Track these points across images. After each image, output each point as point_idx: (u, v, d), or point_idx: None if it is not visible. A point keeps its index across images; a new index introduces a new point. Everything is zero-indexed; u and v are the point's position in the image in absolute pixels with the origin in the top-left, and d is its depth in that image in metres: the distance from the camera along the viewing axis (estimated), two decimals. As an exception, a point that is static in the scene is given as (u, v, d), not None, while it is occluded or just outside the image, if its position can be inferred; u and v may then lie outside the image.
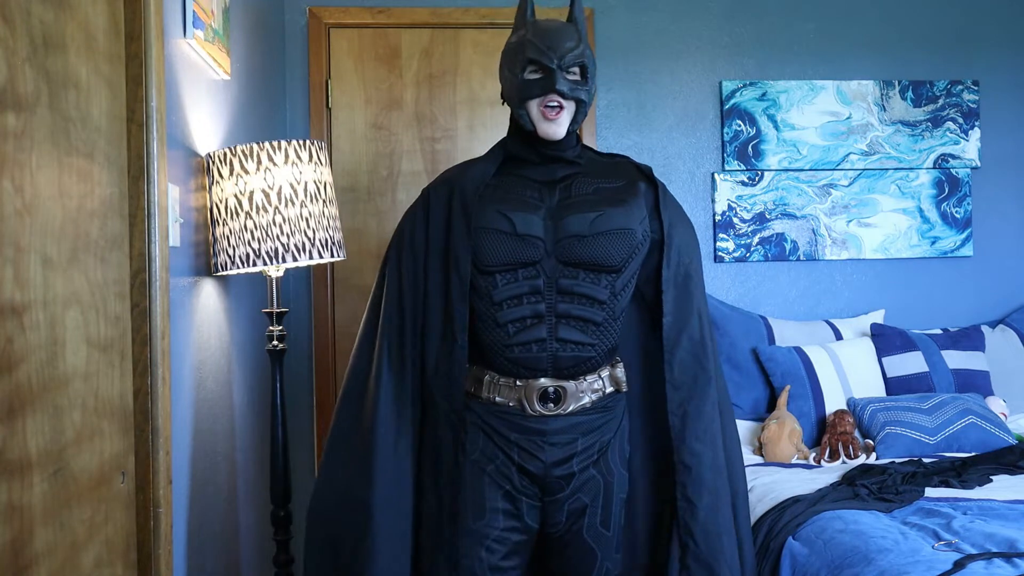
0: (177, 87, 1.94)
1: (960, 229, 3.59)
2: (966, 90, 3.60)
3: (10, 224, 1.22)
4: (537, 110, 1.71)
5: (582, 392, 1.74)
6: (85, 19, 1.49)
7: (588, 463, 1.76)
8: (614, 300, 1.74)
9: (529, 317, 1.71)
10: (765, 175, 3.52)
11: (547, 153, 1.77)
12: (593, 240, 1.71)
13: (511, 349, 1.71)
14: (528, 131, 1.74)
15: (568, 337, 1.71)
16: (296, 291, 3.32)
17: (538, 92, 1.70)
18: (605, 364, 1.78)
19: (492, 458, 1.74)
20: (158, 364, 1.68)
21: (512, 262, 1.71)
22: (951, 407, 2.94)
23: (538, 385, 1.72)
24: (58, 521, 1.35)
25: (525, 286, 1.71)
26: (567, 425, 1.74)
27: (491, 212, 1.72)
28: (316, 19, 3.35)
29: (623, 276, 1.75)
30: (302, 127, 3.35)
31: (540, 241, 1.71)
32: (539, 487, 1.75)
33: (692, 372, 1.79)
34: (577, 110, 1.73)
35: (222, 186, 2.07)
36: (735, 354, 3.29)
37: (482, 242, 1.71)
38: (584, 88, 1.72)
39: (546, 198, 1.76)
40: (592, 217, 1.72)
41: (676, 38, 3.52)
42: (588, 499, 1.76)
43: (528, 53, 1.70)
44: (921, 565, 1.85)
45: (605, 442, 1.77)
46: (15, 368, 1.23)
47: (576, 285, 1.71)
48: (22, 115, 1.26)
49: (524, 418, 1.73)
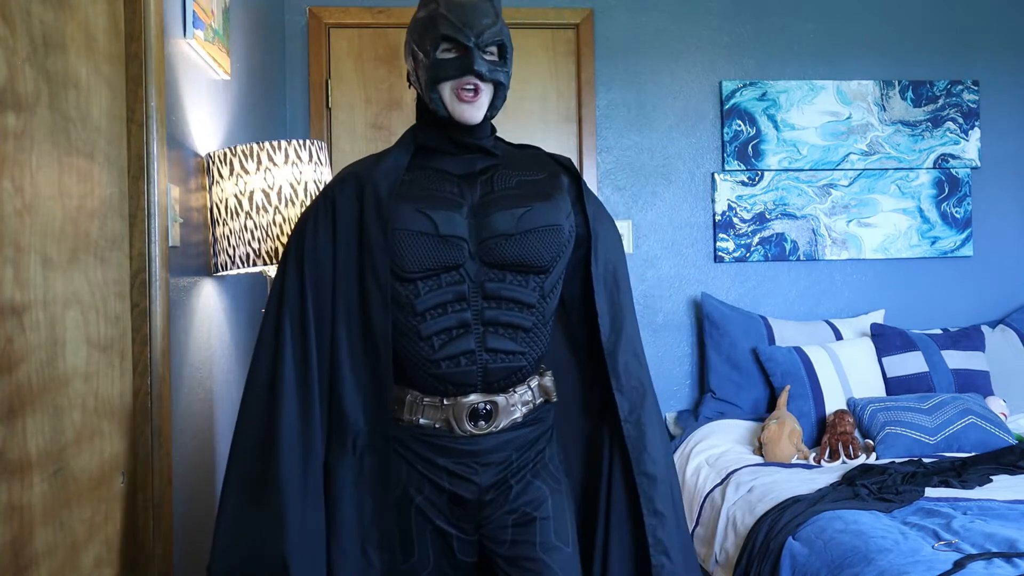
0: (177, 87, 1.94)
1: (960, 229, 3.59)
2: (966, 90, 3.60)
3: (10, 224, 1.22)
4: (451, 93, 1.53)
5: (513, 406, 1.56)
6: (85, 19, 1.49)
7: (525, 474, 1.58)
8: (543, 303, 1.57)
9: (455, 327, 1.52)
10: (765, 175, 3.52)
11: (463, 141, 1.58)
12: (521, 239, 1.53)
13: (436, 364, 1.51)
14: (441, 117, 1.55)
15: (498, 347, 1.53)
16: (296, 291, 3.31)
17: (454, 73, 1.51)
18: (533, 373, 1.61)
19: (419, 488, 1.54)
20: (158, 364, 1.68)
21: (435, 266, 1.51)
22: (951, 407, 2.94)
23: (467, 403, 1.53)
24: (58, 521, 1.35)
25: (449, 293, 1.52)
26: (499, 443, 1.55)
27: (409, 211, 1.52)
28: (316, 19, 3.35)
29: (551, 276, 1.58)
30: (302, 127, 3.35)
31: (464, 242, 1.52)
32: (473, 514, 1.56)
33: (637, 375, 1.64)
34: (496, 93, 1.56)
35: (222, 186, 2.07)
36: (735, 354, 3.29)
37: (401, 245, 1.50)
38: (503, 69, 1.55)
39: (467, 194, 1.57)
40: (519, 213, 1.54)
41: (676, 38, 3.52)
42: (533, 510, 1.56)
43: (442, 29, 1.51)
44: (921, 565, 1.85)
45: (540, 451, 1.61)
46: (15, 368, 1.23)
47: (503, 288, 1.53)
48: (22, 115, 1.26)
49: (453, 440, 1.53)
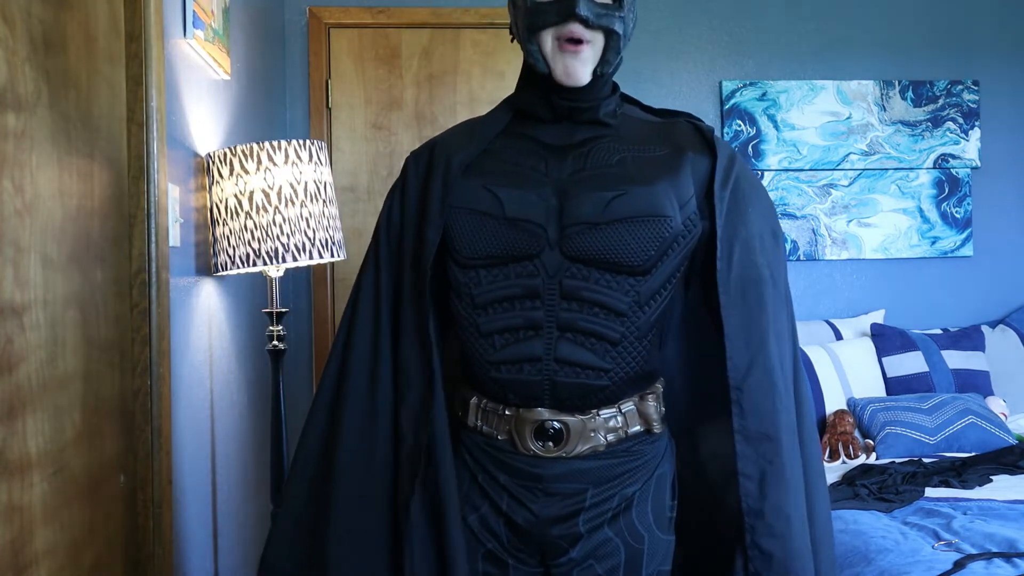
0: (177, 87, 1.94)
1: (960, 229, 3.59)
2: (966, 90, 3.60)
3: (10, 224, 1.22)
4: (552, 43, 1.25)
5: (593, 431, 1.28)
6: (85, 19, 1.49)
7: (602, 521, 1.29)
8: (638, 312, 1.26)
9: (522, 327, 1.27)
10: (765, 175, 3.52)
11: (564, 105, 1.30)
12: (608, 229, 1.24)
13: (496, 367, 1.29)
14: (542, 74, 1.28)
15: (572, 358, 1.26)
16: (296, 291, 3.32)
17: (554, 19, 1.23)
18: (629, 395, 1.31)
19: (476, 506, 1.33)
20: (158, 364, 1.68)
21: (500, 254, 1.27)
22: (951, 407, 2.94)
23: (532, 417, 1.28)
24: (58, 521, 1.35)
25: (518, 286, 1.27)
26: (571, 471, 1.29)
27: (473, 187, 1.29)
28: (316, 19, 3.35)
29: (652, 280, 1.27)
30: (302, 127, 3.35)
31: (539, 228, 1.26)
32: (535, 547, 1.31)
33: (772, 419, 1.26)
34: (607, 46, 1.27)
35: (222, 186, 2.07)
36: (735, 354, 3.29)
37: (457, 226, 1.28)
38: (617, 14, 1.25)
39: (553, 170, 1.30)
40: (608, 197, 1.25)
41: (676, 38, 3.52)
42: (603, 570, 1.28)
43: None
44: (921, 565, 1.85)
45: (629, 495, 1.30)
46: (15, 368, 1.23)
47: (586, 289, 1.26)
48: (22, 115, 1.26)
49: (515, 457, 1.30)
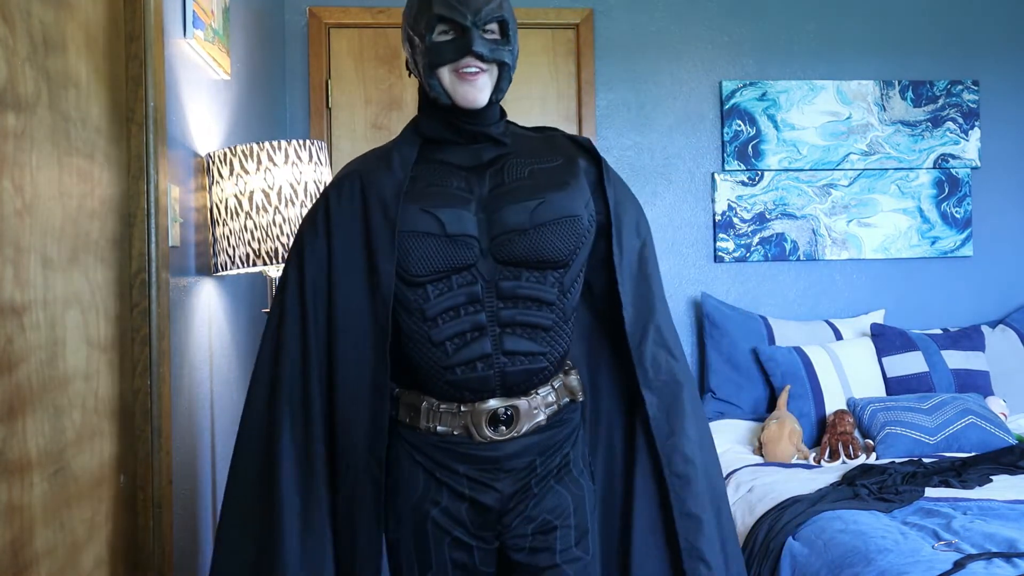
0: (177, 87, 1.94)
1: (960, 229, 3.59)
2: (966, 90, 3.60)
3: (10, 224, 1.22)
4: (451, 76, 1.43)
5: (535, 409, 1.49)
6: (85, 19, 1.49)
7: (549, 480, 1.50)
8: (564, 299, 1.48)
9: (469, 331, 1.44)
10: (765, 175, 3.52)
11: (469, 128, 1.48)
12: (535, 233, 1.44)
13: (452, 371, 1.44)
14: (444, 105, 1.46)
15: (516, 348, 1.45)
16: (296, 291, 3.32)
17: (452, 56, 1.42)
18: (557, 373, 1.53)
19: (436, 500, 1.47)
20: (158, 364, 1.68)
21: (444, 268, 1.43)
22: (951, 407, 2.94)
23: (486, 408, 1.46)
24: (58, 521, 1.35)
25: (461, 295, 1.44)
26: (522, 447, 1.48)
27: (414, 212, 1.43)
28: (316, 19, 3.35)
29: (571, 270, 1.49)
30: (302, 127, 3.35)
31: (474, 240, 1.44)
32: (494, 522, 1.49)
33: (668, 367, 1.54)
34: (500, 75, 1.46)
35: (222, 186, 2.07)
36: (735, 354, 3.29)
37: (409, 249, 1.42)
38: (506, 48, 1.44)
39: (475, 187, 1.48)
40: (532, 206, 1.44)
41: (676, 38, 3.52)
42: (555, 518, 1.49)
43: (436, 9, 1.42)
44: (921, 565, 1.85)
45: (565, 454, 1.53)
46: (15, 368, 1.23)
47: (519, 287, 1.45)
48: (22, 115, 1.26)
49: (472, 446, 1.47)
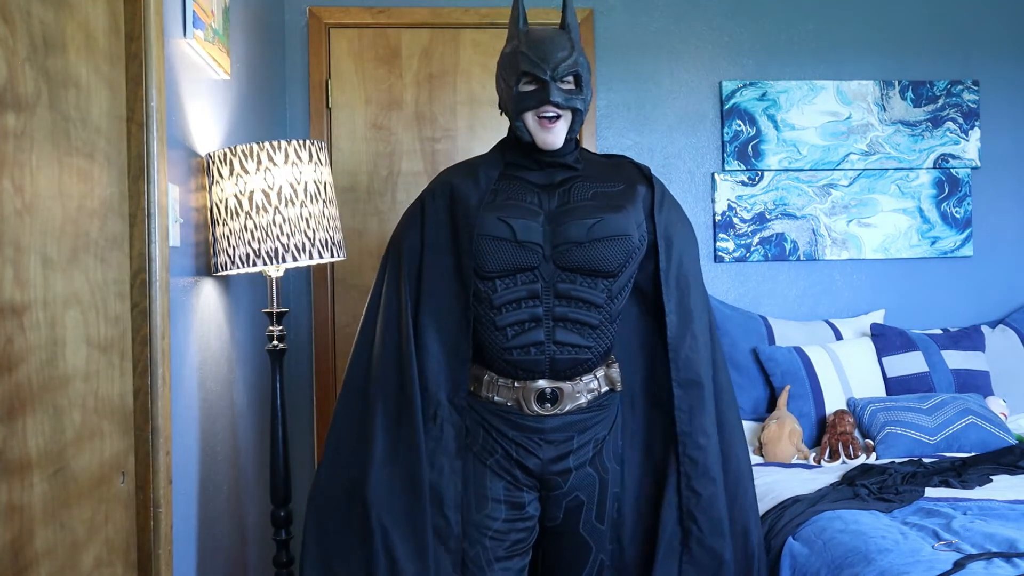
0: (177, 87, 1.94)
1: (960, 229, 3.59)
2: (966, 90, 3.59)
3: (10, 224, 1.22)
4: (534, 121, 1.74)
5: (578, 392, 1.79)
6: (85, 19, 1.49)
7: (584, 460, 1.82)
8: (610, 303, 1.78)
9: (527, 321, 1.76)
10: (765, 175, 3.52)
11: (546, 160, 1.80)
12: (590, 246, 1.74)
13: (509, 352, 1.76)
14: (527, 142, 1.77)
15: (565, 340, 1.75)
16: (296, 291, 3.32)
17: (533, 104, 1.72)
18: (600, 364, 1.83)
19: (492, 452, 1.81)
20: (158, 364, 1.68)
21: (512, 268, 1.75)
22: (951, 407, 2.94)
23: (535, 387, 1.78)
24: (58, 521, 1.35)
25: (523, 291, 1.76)
26: (563, 424, 1.79)
27: (492, 219, 1.76)
28: (316, 19, 3.35)
29: (619, 280, 1.79)
30: (302, 127, 3.35)
31: (539, 247, 1.75)
32: (538, 481, 1.82)
33: (696, 370, 1.84)
34: (574, 119, 1.76)
35: (222, 186, 2.07)
36: (735, 354, 3.29)
37: (483, 249, 1.75)
38: (579, 97, 1.75)
39: (545, 203, 1.80)
40: (590, 224, 1.75)
41: (676, 38, 3.51)
42: (585, 496, 1.82)
43: (521, 66, 1.72)
44: (921, 565, 1.85)
45: (600, 439, 1.84)
46: (15, 368, 1.23)
47: (573, 289, 1.75)
48: (22, 115, 1.26)
49: (522, 417, 1.79)
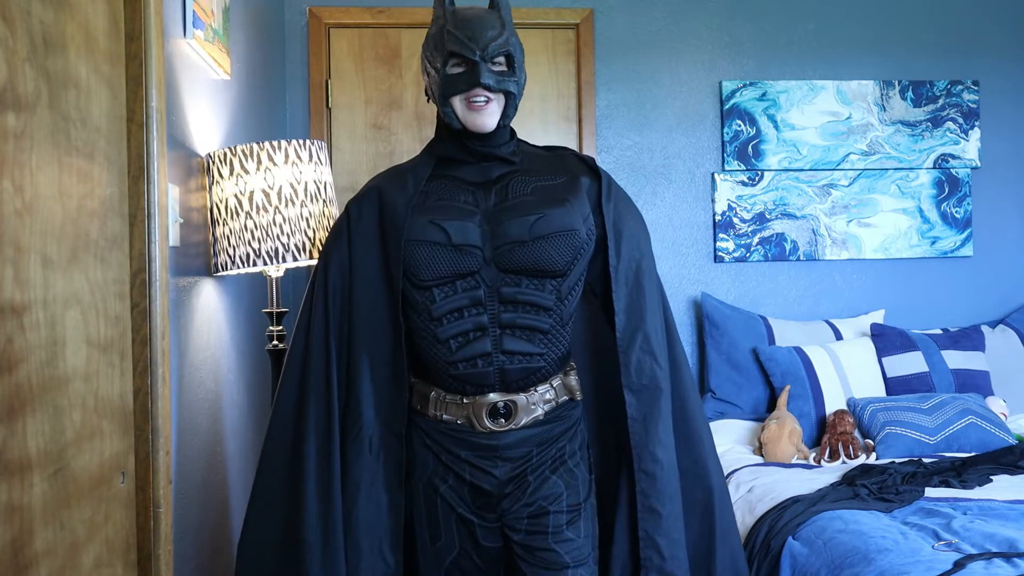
0: (177, 87, 1.94)
1: (960, 229, 3.59)
2: (966, 90, 3.60)
3: (10, 224, 1.22)
4: (462, 105, 1.61)
5: (534, 404, 1.64)
6: (85, 19, 1.49)
7: (545, 471, 1.65)
8: (561, 305, 1.64)
9: (471, 330, 1.61)
10: (765, 175, 3.52)
11: (479, 150, 1.65)
12: (534, 245, 1.60)
13: (455, 366, 1.61)
14: (456, 129, 1.63)
15: (514, 348, 1.61)
16: (296, 291, 3.32)
17: (463, 87, 1.59)
18: (556, 373, 1.68)
19: (444, 479, 1.66)
20: (158, 364, 1.68)
21: (449, 274, 1.60)
22: (951, 407, 2.94)
23: (486, 401, 1.63)
24: (58, 521, 1.35)
25: (465, 298, 1.61)
26: (519, 439, 1.64)
27: (422, 223, 1.61)
28: (316, 19, 3.35)
29: (569, 279, 1.64)
30: (302, 127, 3.35)
31: (477, 250, 1.60)
32: (494, 504, 1.65)
33: (650, 374, 1.68)
34: (507, 102, 1.62)
35: (222, 186, 2.07)
36: (735, 354, 3.29)
37: (416, 256, 1.60)
38: (512, 79, 1.61)
39: (481, 202, 1.65)
40: (532, 220, 1.60)
41: (676, 38, 3.52)
42: (549, 504, 1.64)
43: (448, 46, 1.59)
44: (921, 565, 1.85)
45: (561, 447, 1.67)
46: (15, 368, 1.23)
47: (519, 293, 1.61)
48: (22, 115, 1.26)
49: (474, 435, 1.64)
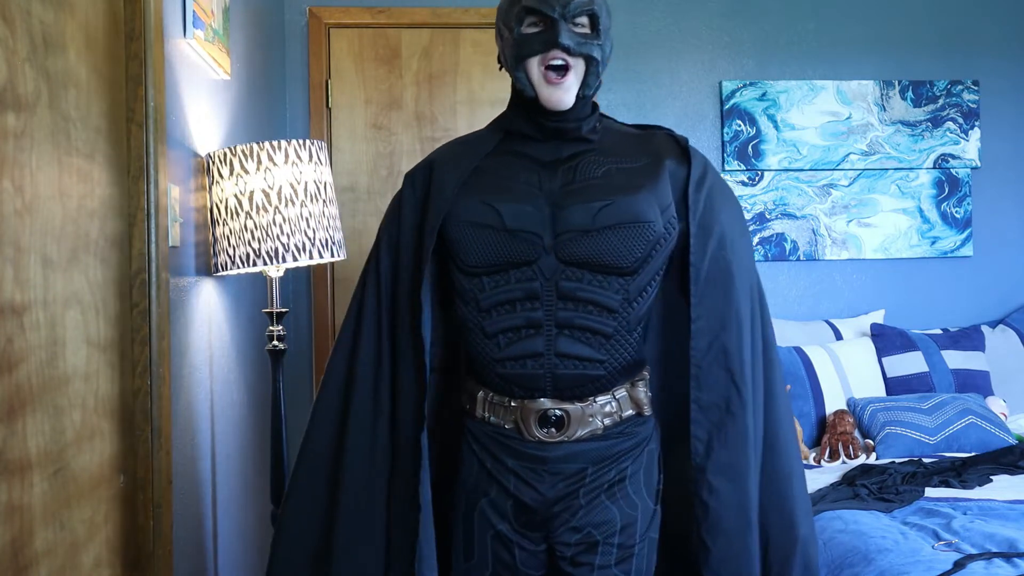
0: (177, 87, 1.94)
1: (960, 229, 3.59)
2: (966, 90, 3.60)
3: (10, 224, 1.22)
4: (539, 71, 1.41)
5: (591, 416, 1.43)
6: (85, 19, 1.49)
7: (599, 493, 1.44)
8: (628, 308, 1.42)
9: (523, 327, 1.42)
10: (765, 175, 3.52)
11: (552, 126, 1.46)
12: (599, 235, 1.40)
13: (502, 364, 1.43)
14: (529, 99, 1.44)
15: (570, 351, 1.41)
16: (296, 291, 3.32)
17: (539, 48, 1.39)
18: (621, 383, 1.46)
19: (486, 491, 1.48)
20: (158, 364, 1.68)
21: (502, 262, 1.42)
22: (951, 407, 2.94)
23: (536, 407, 1.43)
24: (58, 521, 1.35)
25: (518, 290, 1.42)
26: (572, 453, 1.44)
27: (474, 202, 1.43)
28: (316, 19, 3.35)
29: (639, 278, 1.43)
30: (302, 127, 3.35)
31: (536, 236, 1.41)
32: (540, 525, 1.46)
33: (724, 393, 1.46)
34: (587, 71, 1.42)
35: (222, 186, 2.07)
36: (735, 354, 3.29)
37: (463, 238, 1.43)
38: (595, 42, 1.41)
39: (545, 183, 1.45)
40: (597, 207, 1.40)
41: (676, 38, 3.52)
42: (600, 534, 1.43)
43: (525, 1, 1.40)
44: (921, 565, 1.85)
45: (623, 468, 1.45)
46: (15, 368, 1.23)
47: (580, 289, 1.41)
48: (22, 115, 1.26)
49: (522, 443, 1.45)
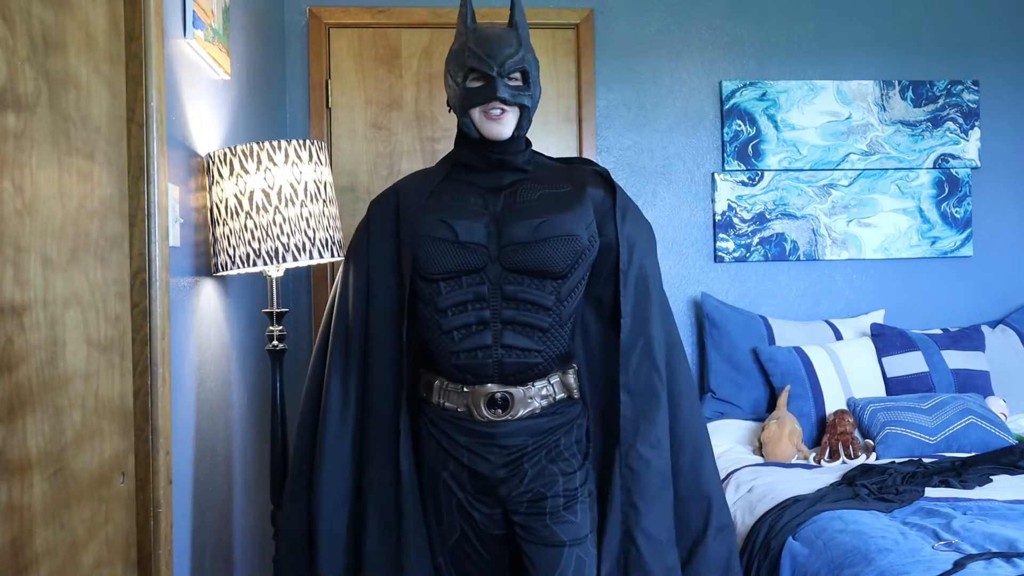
0: (177, 87, 1.94)
1: (960, 229, 3.59)
2: (966, 90, 3.60)
3: (10, 224, 1.22)
4: (480, 115, 1.73)
5: (531, 398, 1.76)
6: (85, 19, 1.49)
7: (541, 460, 1.76)
8: (560, 306, 1.75)
9: (474, 324, 1.73)
10: (765, 175, 3.52)
11: (494, 157, 1.78)
12: (537, 246, 1.72)
13: (456, 356, 1.74)
14: (474, 138, 1.76)
15: (513, 343, 1.72)
16: (296, 291, 3.32)
17: (480, 100, 1.72)
18: (555, 370, 1.78)
19: (444, 465, 1.79)
20: (158, 364, 1.68)
21: (455, 270, 1.73)
22: (951, 407, 2.94)
23: (485, 391, 1.74)
24: (58, 521, 1.35)
25: (469, 293, 1.73)
26: (515, 429, 1.75)
27: (432, 220, 1.75)
28: (316, 19, 3.35)
29: (568, 282, 1.75)
30: (302, 127, 3.35)
31: (484, 248, 1.73)
32: (493, 490, 1.77)
33: (648, 378, 1.79)
34: (521, 115, 1.75)
35: (222, 186, 2.07)
36: (735, 354, 3.29)
37: (424, 250, 1.73)
38: (526, 93, 1.74)
39: (490, 204, 1.78)
40: (536, 223, 1.73)
41: (676, 38, 3.52)
42: (546, 490, 1.75)
43: (468, 62, 1.72)
44: (921, 565, 1.85)
45: (556, 440, 1.78)
46: (15, 368, 1.23)
47: (521, 291, 1.73)
48: (22, 115, 1.26)
49: (473, 423, 1.76)
